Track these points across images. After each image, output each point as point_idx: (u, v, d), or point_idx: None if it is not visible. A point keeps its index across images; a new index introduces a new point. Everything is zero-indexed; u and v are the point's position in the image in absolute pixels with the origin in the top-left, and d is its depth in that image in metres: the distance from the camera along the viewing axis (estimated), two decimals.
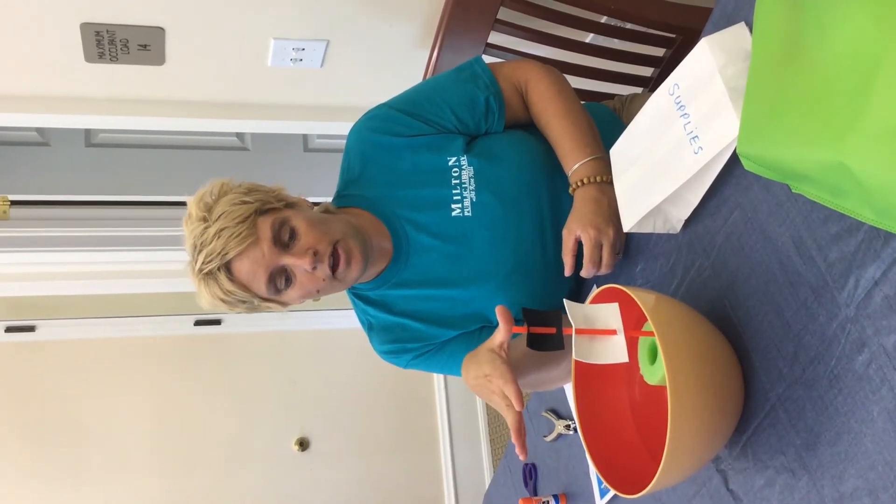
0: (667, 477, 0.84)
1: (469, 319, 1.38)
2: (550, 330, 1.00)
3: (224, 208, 1.21)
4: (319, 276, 1.24)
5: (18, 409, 3.56)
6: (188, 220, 1.24)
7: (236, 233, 1.19)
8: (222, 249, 1.19)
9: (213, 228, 1.19)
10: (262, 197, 1.25)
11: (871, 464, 0.74)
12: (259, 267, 1.21)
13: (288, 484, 3.77)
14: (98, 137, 3.57)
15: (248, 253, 1.21)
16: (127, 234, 3.35)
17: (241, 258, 1.21)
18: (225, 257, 1.20)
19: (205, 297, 1.25)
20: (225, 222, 1.19)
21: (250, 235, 1.20)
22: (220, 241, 1.19)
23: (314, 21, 2.21)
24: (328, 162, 3.74)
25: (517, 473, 1.67)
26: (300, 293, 1.26)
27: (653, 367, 0.93)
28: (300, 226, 1.23)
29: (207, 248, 1.20)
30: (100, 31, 2.12)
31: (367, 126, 1.39)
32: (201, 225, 1.21)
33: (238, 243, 1.19)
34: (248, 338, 3.95)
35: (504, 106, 1.38)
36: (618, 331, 0.93)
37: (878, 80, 0.63)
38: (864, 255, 0.75)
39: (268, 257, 1.21)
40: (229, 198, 1.22)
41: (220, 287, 1.22)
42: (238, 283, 1.22)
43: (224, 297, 1.23)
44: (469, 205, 1.33)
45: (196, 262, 1.22)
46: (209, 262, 1.20)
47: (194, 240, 1.22)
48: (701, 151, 0.94)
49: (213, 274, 1.21)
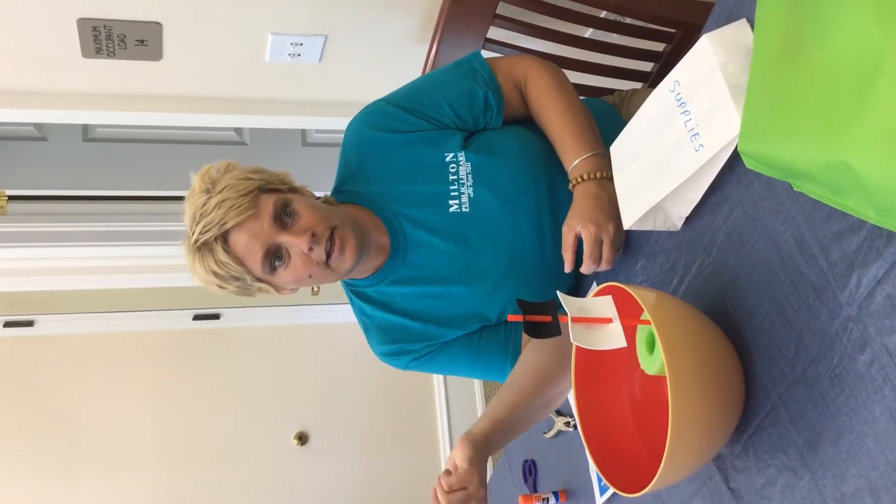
0: (667, 476, 0.84)
1: (469, 319, 1.38)
2: (546, 318, 0.99)
3: (228, 181, 1.21)
4: (314, 258, 1.22)
5: (17, 404, 3.56)
6: (191, 194, 1.23)
7: (237, 204, 1.19)
8: (221, 219, 1.18)
9: (215, 199, 1.19)
10: (268, 177, 1.25)
11: (874, 463, 0.74)
12: (256, 241, 1.20)
13: (287, 478, 3.78)
14: (96, 132, 3.56)
15: (247, 225, 1.20)
16: (125, 229, 3.35)
17: (239, 229, 1.20)
18: (223, 227, 1.19)
19: (198, 271, 1.23)
20: (227, 194, 1.19)
21: (251, 208, 1.20)
22: (220, 210, 1.18)
23: (312, 16, 2.21)
24: (327, 156, 3.72)
25: (517, 470, 1.67)
26: (293, 276, 1.24)
27: (651, 357, 0.92)
28: (301, 208, 1.23)
29: (206, 218, 1.19)
30: (97, 27, 2.11)
31: (365, 122, 1.38)
32: (203, 196, 1.20)
33: (238, 214, 1.18)
34: (247, 332, 3.95)
35: (503, 102, 1.37)
36: (613, 318, 0.92)
37: (881, 78, 0.62)
38: (866, 253, 0.75)
39: (266, 232, 1.20)
40: (235, 173, 1.23)
41: (214, 258, 1.20)
42: (233, 256, 1.20)
43: (217, 269, 1.21)
44: (466, 201, 1.33)
45: (193, 233, 1.21)
46: (207, 231, 1.19)
47: (194, 211, 1.21)
48: (702, 149, 0.94)
49: (209, 245, 1.20)
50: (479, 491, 1.11)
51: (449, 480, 1.11)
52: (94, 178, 3.48)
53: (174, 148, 3.62)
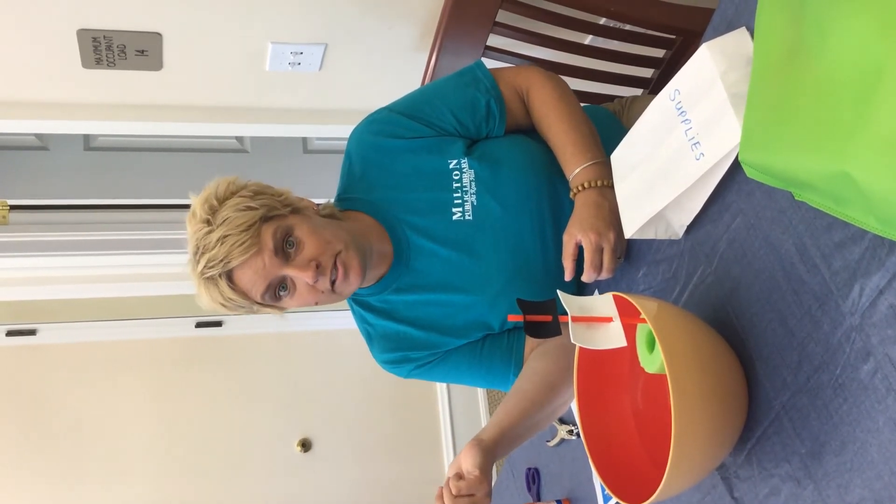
0: (671, 485, 0.84)
1: (472, 327, 1.37)
2: (546, 317, 0.99)
3: (228, 214, 1.19)
4: (320, 288, 1.23)
5: (20, 412, 3.56)
6: (192, 218, 1.23)
7: (239, 241, 1.18)
8: (225, 257, 1.18)
9: (217, 234, 1.18)
10: (268, 202, 1.23)
11: (878, 474, 0.73)
12: (259, 277, 1.21)
13: (290, 485, 3.77)
14: (97, 141, 3.57)
15: (251, 263, 1.20)
16: (127, 238, 3.35)
17: (242, 267, 1.20)
18: (227, 265, 1.19)
19: (204, 298, 1.24)
20: (228, 229, 1.18)
21: (254, 245, 1.19)
22: (223, 247, 1.18)
23: (312, 25, 2.21)
24: (328, 164, 3.73)
25: (520, 478, 1.66)
26: (298, 303, 1.26)
27: (651, 356, 0.92)
28: (304, 236, 1.22)
29: (210, 254, 1.18)
30: (97, 38, 2.12)
31: (368, 129, 1.39)
32: (204, 228, 1.20)
33: (241, 253, 1.18)
34: (250, 339, 3.95)
35: (505, 110, 1.38)
36: (614, 318, 0.92)
37: (882, 89, 0.62)
38: (868, 263, 0.75)
39: (269, 268, 1.20)
40: (234, 202, 1.21)
41: (220, 293, 1.22)
42: (238, 291, 1.22)
43: (224, 302, 1.23)
44: (470, 208, 1.33)
45: (198, 264, 1.21)
46: (211, 267, 1.19)
47: (197, 242, 1.20)
48: (702, 158, 0.94)
49: (214, 279, 1.21)
50: (485, 500, 1.11)
51: (458, 485, 1.10)
52: (95, 187, 3.49)
53: (175, 156, 3.63)
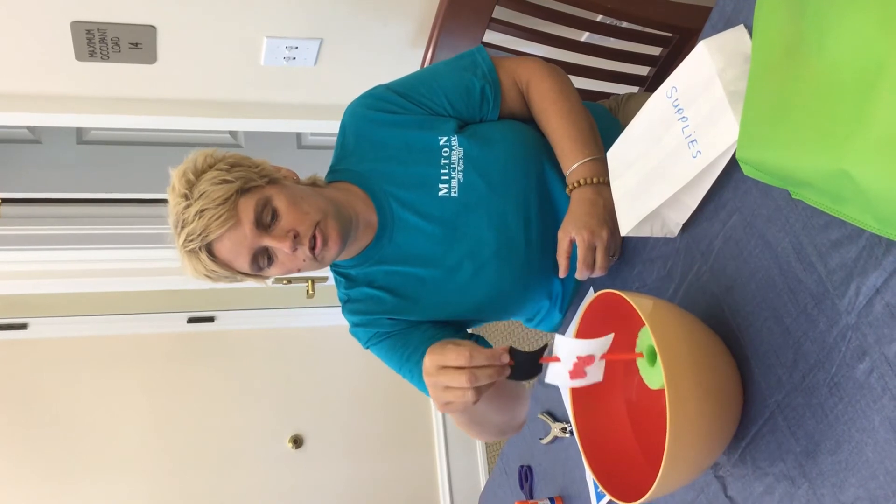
0: (665, 483, 0.83)
1: (443, 306, 1.38)
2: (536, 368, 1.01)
3: (205, 187, 1.20)
4: (300, 256, 1.25)
5: (11, 407, 3.55)
6: (171, 191, 1.24)
7: (217, 214, 1.19)
8: (203, 231, 1.20)
9: (194, 208, 1.20)
10: (244, 174, 1.24)
11: (873, 473, 0.73)
12: (241, 248, 1.22)
13: (282, 482, 3.76)
14: (90, 135, 3.55)
15: (230, 234, 1.21)
16: (119, 232, 3.34)
17: (221, 240, 1.22)
18: (206, 238, 1.21)
19: (189, 270, 1.27)
20: (205, 203, 1.19)
21: (231, 217, 1.20)
22: (200, 221, 1.19)
23: (307, 19, 2.20)
24: (322, 159, 3.72)
25: (513, 476, 1.66)
26: (281, 271, 1.28)
27: (653, 369, 0.92)
28: (281, 206, 1.23)
29: (189, 228, 1.20)
30: (91, 30, 2.10)
31: (363, 103, 1.41)
32: (182, 202, 1.21)
33: (219, 226, 1.20)
34: (242, 335, 3.94)
35: (500, 96, 1.39)
36: (595, 358, 0.91)
37: (881, 87, 0.62)
38: (865, 262, 0.75)
39: (249, 239, 1.22)
40: (211, 175, 1.22)
41: (203, 265, 1.24)
42: (220, 263, 1.24)
43: (208, 273, 1.26)
44: (456, 185, 1.34)
45: (179, 238, 1.23)
46: (191, 241, 1.21)
47: (176, 216, 1.22)
48: (699, 155, 0.93)
49: (195, 252, 1.23)
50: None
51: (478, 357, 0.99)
52: (87, 180, 3.47)
53: (168, 151, 3.61)
